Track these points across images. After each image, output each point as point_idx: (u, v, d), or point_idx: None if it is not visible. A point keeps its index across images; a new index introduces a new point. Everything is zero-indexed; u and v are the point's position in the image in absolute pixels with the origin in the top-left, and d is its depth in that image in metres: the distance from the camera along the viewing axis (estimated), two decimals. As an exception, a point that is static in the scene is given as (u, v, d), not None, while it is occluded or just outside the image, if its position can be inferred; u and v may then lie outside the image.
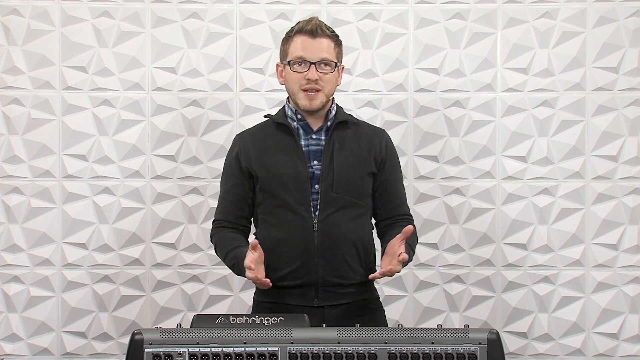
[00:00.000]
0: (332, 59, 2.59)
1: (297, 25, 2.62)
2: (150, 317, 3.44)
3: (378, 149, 2.66)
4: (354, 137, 2.65)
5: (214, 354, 2.00)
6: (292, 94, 2.62)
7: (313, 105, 2.58)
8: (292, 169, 2.57)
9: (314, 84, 2.56)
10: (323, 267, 2.55)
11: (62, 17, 3.45)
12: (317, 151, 2.61)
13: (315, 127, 2.64)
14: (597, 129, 3.45)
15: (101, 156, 3.45)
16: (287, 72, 2.60)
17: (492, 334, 2.02)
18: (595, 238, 3.46)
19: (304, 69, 2.56)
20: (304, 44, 2.57)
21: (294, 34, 2.60)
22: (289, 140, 2.62)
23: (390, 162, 2.70)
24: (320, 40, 2.57)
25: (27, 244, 3.43)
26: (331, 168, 2.58)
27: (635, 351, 3.44)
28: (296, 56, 2.57)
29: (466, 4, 3.48)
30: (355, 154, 2.62)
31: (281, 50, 2.65)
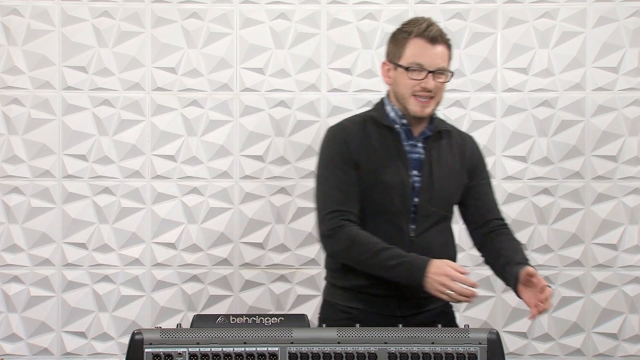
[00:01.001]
0: (448, 68, 2.50)
1: (415, 27, 2.48)
2: (150, 317, 3.44)
3: (469, 157, 2.61)
4: (448, 148, 2.58)
5: (214, 354, 2.00)
6: (402, 98, 2.50)
7: (425, 113, 2.49)
8: (396, 177, 2.48)
9: (427, 92, 2.46)
10: None
11: (62, 17, 3.45)
12: (416, 160, 2.52)
13: (416, 133, 2.54)
14: (597, 129, 3.45)
15: (101, 156, 3.45)
16: (400, 75, 2.49)
17: (492, 334, 2.02)
18: (595, 238, 3.46)
19: (420, 76, 2.45)
20: (422, 50, 2.45)
21: (412, 36, 2.47)
22: (394, 145, 2.51)
23: (480, 168, 2.65)
24: (439, 48, 2.47)
25: (27, 244, 3.43)
26: (431, 181, 2.50)
27: (635, 351, 3.44)
28: (413, 62, 2.46)
29: (466, 4, 3.48)
30: (450, 166, 2.55)
31: (391, 50, 2.53)
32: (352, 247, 2.45)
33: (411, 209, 2.50)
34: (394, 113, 2.55)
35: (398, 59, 2.50)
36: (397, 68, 2.50)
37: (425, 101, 2.47)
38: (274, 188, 3.47)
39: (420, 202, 2.50)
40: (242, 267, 3.46)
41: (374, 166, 2.49)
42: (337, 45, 3.46)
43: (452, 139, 2.61)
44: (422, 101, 2.47)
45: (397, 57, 2.50)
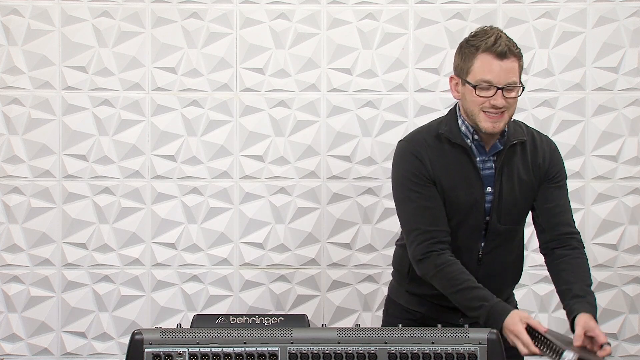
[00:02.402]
0: (518, 82, 2.37)
1: (482, 41, 2.35)
2: (150, 317, 3.44)
3: (541, 163, 2.49)
4: (521, 161, 2.47)
5: (214, 354, 2.00)
6: (471, 114, 2.39)
7: (496, 128, 2.36)
8: (470, 196, 2.41)
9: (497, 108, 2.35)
10: None
11: (62, 17, 3.45)
12: (489, 176, 2.44)
13: (488, 147, 2.44)
14: (597, 129, 3.45)
15: (101, 156, 3.45)
16: (468, 92, 2.37)
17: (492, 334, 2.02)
18: (595, 238, 3.46)
19: (488, 94, 2.33)
20: (491, 67, 2.33)
21: (480, 51, 2.34)
22: (467, 164, 2.42)
23: (553, 172, 2.51)
24: (509, 63, 2.34)
25: (27, 244, 3.43)
26: (500, 198, 2.44)
27: (635, 351, 3.45)
28: (482, 79, 2.34)
29: (466, 4, 3.48)
30: (521, 179, 2.46)
31: (458, 64, 2.41)
32: (439, 278, 2.39)
33: (482, 226, 2.46)
34: (464, 127, 2.45)
35: (466, 74, 2.38)
36: (465, 84, 2.39)
37: (496, 116, 2.36)
38: (274, 188, 3.47)
39: (491, 220, 2.45)
40: (242, 267, 3.46)
41: (449, 184, 2.42)
42: (337, 45, 3.46)
43: (525, 149, 2.49)
44: (493, 116, 2.36)
45: (465, 72, 2.38)
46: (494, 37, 2.34)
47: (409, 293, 2.58)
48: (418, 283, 2.50)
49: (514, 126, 2.48)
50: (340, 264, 3.47)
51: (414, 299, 2.55)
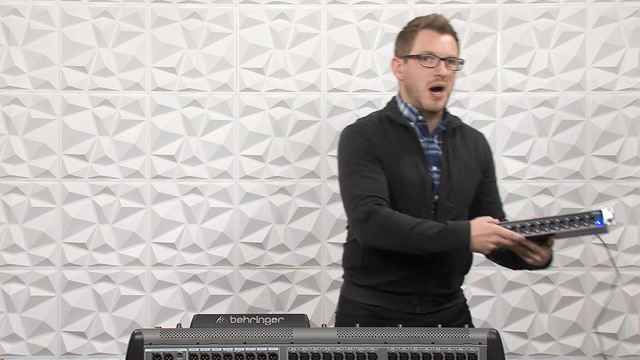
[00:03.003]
0: (458, 57, 2.53)
1: (422, 20, 2.53)
2: (150, 317, 3.44)
3: (482, 154, 2.64)
4: (462, 143, 2.60)
5: (214, 354, 2.00)
6: (416, 92, 2.51)
7: (438, 106, 2.51)
8: (416, 175, 2.49)
9: (441, 80, 2.48)
10: (433, 277, 2.51)
11: (62, 17, 3.45)
12: (434, 156, 2.54)
13: (431, 129, 2.55)
14: (597, 129, 3.45)
15: (101, 156, 3.45)
16: (412, 67, 2.50)
17: (492, 334, 2.02)
18: (595, 238, 3.45)
19: (432, 64, 2.47)
20: (432, 39, 2.49)
21: (420, 28, 2.51)
22: (411, 142, 2.52)
23: (492, 167, 2.70)
24: (448, 37, 2.51)
25: (27, 244, 3.43)
26: (449, 176, 2.51)
27: (635, 351, 3.44)
28: (425, 50, 2.48)
29: (466, 4, 3.48)
30: (466, 162, 2.57)
31: (400, 45, 2.56)
32: (388, 226, 2.40)
33: (431, 206, 2.50)
34: (407, 110, 2.56)
35: (408, 51, 2.51)
36: (408, 61, 2.51)
37: (438, 94, 2.48)
38: (274, 188, 3.47)
39: (440, 198, 2.51)
40: (242, 267, 3.46)
41: (393, 163, 2.48)
42: (337, 45, 3.46)
43: (466, 135, 2.62)
44: (435, 94, 2.48)
45: (408, 50, 2.52)
46: (434, 16, 2.54)
47: (364, 287, 2.57)
48: (372, 275, 2.52)
49: (450, 114, 2.61)
50: (340, 264, 3.46)
51: (369, 292, 2.54)
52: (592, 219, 2.31)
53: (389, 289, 2.52)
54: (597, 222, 2.31)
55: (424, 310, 2.52)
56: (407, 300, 2.51)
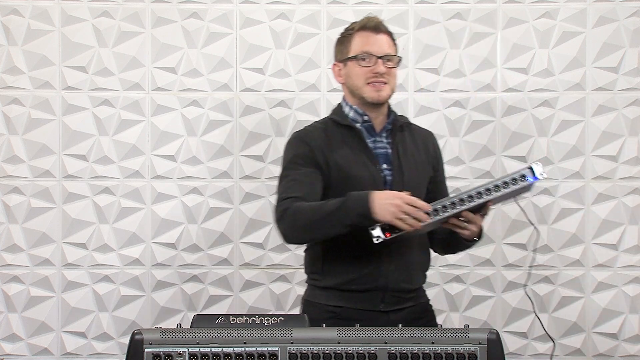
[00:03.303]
0: (395, 54, 2.58)
1: (357, 24, 2.59)
2: (150, 317, 3.44)
3: (432, 151, 2.67)
4: (412, 141, 2.62)
5: (214, 354, 2.00)
6: (357, 89, 2.55)
7: (381, 97, 2.54)
8: (365, 171, 2.51)
9: (380, 77, 2.53)
10: (393, 272, 2.52)
11: (62, 17, 3.45)
12: (383, 154, 2.56)
13: (378, 128, 2.59)
14: (597, 129, 3.45)
15: (101, 156, 3.45)
16: (351, 67, 2.55)
17: (492, 334, 2.02)
18: (595, 238, 3.46)
19: (370, 63, 2.52)
20: (368, 39, 2.55)
21: (355, 31, 2.57)
22: (357, 141, 2.55)
23: (441, 164, 2.72)
24: (383, 36, 2.57)
25: (27, 244, 3.43)
26: (401, 172, 2.54)
27: (635, 351, 3.44)
28: (362, 51, 2.54)
29: (466, 4, 3.48)
30: (416, 158, 2.60)
31: (339, 50, 2.61)
32: (298, 217, 2.43)
33: None
34: (353, 112, 2.59)
35: (346, 54, 2.57)
36: (347, 63, 2.57)
37: (380, 85, 2.53)
38: (275, 188, 3.46)
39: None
40: (242, 267, 3.46)
41: (342, 163, 2.51)
42: (337, 45, 3.46)
43: (415, 133, 2.66)
44: (377, 85, 2.53)
45: (345, 53, 2.58)
46: (368, 18, 2.60)
47: (326, 289, 2.57)
48: (333, 275, 2.53)
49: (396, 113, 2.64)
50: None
51: (331, 293, 2.55)
52: (524, 177, 2.33)
53: (350, 288, 2.52)
54: (529, 179, 2.32)
55: (387, 307, 2.52)
56: (370, 297, 2.52)
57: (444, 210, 2.32)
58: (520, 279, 3.46)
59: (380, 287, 2.52)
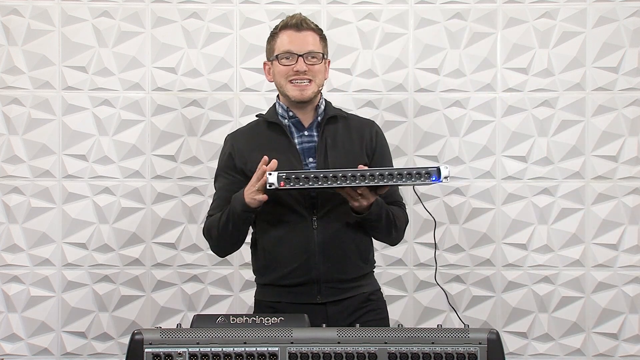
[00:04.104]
0: (319, 51, 2.59)
1: (281, 22, 2.63)
2: (150, 317, 3.44)
3: (368, 140, 2.66)
4: (345, 132, 2.64)
5: (214, 354, 2.00)
6: (281, 87, 2.61)
7: (304, 95, 2.57)
8: (288, 167, 2.53)
9: (303, 75, 2.56)
10: (324, 264, 2.55)
11: (62, 17, 3.45)
12: (310, 148, 2.61)
13: (306, 123, 2.63)
14: (597, 129, 3.45)
15: (101, 156, 3.45)
16: (276, 67, 2.60)
17: (492, 334, 2.02)
18: (595, 238, 3.46)
19: (291, 62, 2.56)
20: (290, 38, 2.58)
21: (279, 30, 2.61)
22: (282, 139, 2.60)
23: (381, 152, 2.68)
24: (305, 33, 2.59)
25: (27, 244, 3.43)
26: (326, 165, 2.56)
27: (635, 351, 3.44)
28: (283, 50, 2.57)
29: (466, 4, 3.48)
30: (347, 149, 2.61)
31: (267, 49, 2.66)
32: (211, 233, 2.61)
33: (311, 194, 2.56)
34: (281, 109, 2.64)
35: (272, 53, 2.62)
36: (273, 62, 2.61)
37: (304, 85, 2.56)
38: (274, 188, 3.46)
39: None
40: (242, 267, 3.46)
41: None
42: (337, 45, 3.46)
43: (351, 124, 2.67)
44: (299, 85, 2.56)
45: (271, 52, 2.63)
46: (291, 16, 2.63)
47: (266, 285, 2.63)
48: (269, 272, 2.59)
49: (331, 105, 2.68)
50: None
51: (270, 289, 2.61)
52: (429, 175, 2.35)
53: (285, 283, 2.57)
54: (433, 178, 2.35)
55: (325, 299, 2.55)
56: (306, 290, 2.55)
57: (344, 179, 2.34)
58: (521, 279, 3.46)
59: (313, 279, 2.55)
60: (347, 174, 2.34)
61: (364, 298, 2.62)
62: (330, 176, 2.34)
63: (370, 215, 2.50)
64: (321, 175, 2.34)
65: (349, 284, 2.59)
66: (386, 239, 2.68)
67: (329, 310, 2.54)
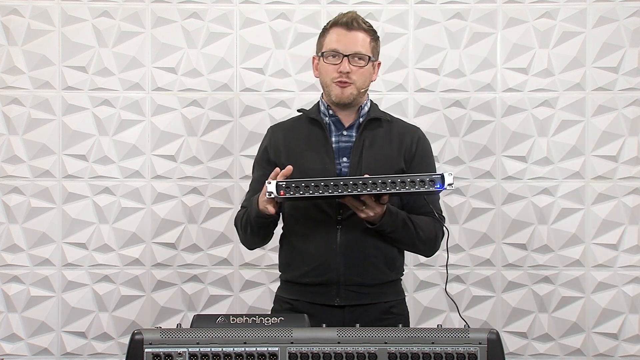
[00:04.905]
0: (366, 53, 2.55)
1: (334, 18, 2.59)
2: (150, 317, 3.44)
3: (409, 146, 2.60)
4: (386, 135, 2.60)
5: (214, 354, 2.00)
6: (325, 86, 2.57)
7: (344, 96, 2.53)
8: (319, 164, 2.52)
9: (345, 77, 2.52)
10: (345, 265, 2.50)
11: (62, 17, 3.45)
12: (346, 148, 2.57)
13: (347, 123, 2.59)
14: (597, 129, 3.45)
15: (101, 156, 3.45)
16: (322, 64, 2.56)
17: (492, 334, 2.02)
18: (595, 238, 3.46)
19: (337, 61, 2.52)
20: (339, 37, 2.54)
21: (330, 26, 2.57)
22: (320, 136, 2.57)
23: (420, 159, 2.61)
24: (355, 34, 2.54)
25: (27, 244, 3.43)
26: (359, 166, 2.53)
27: (635, 351, 3.44)
28: (330, 48, 2.54)
29: (466, 4, 3.48)
30: (385, 152, 2.57)
31: (317, 43, 2.61)
32: (238, 227, 2.62)
33: None
34: (323, 107, 2.62)
35: (320, 49, 2.59)
36: (320, 59, 2.58)
37: (345, 84, 2.53)
38: (274, 188, 3.46)
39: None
40: (242, 267, 3.46)
41: (298, 158, 2.54)
42: (337, 45, 3.46)
43: (394, 128, 2.63)
44: (342, 85, 2.53)
45: (320, 48, 2.59)
46: (344, 14, 2.58)
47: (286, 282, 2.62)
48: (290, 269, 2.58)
49: (377, 108, 2.66)
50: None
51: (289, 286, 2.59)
52: (433, 182, 2.32)
53: (304, 281, 2.54)
54: (437, 186, 2.32)
55: (343, 302, 2.51)
56: (324, 291, 2.52)
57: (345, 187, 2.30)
58: (521, 279, 3.46)
59: (333, 280, 2.51)
60: (349, 182, 2.31)
61: (385, 308, 2.56)
62: (331, 184, 2.30)
63: (383, 227, 2.46)
64: (322, 184, 2.30)
65: (369, 289, 2.53)
66: (412, 250, 2.62)
67: (346, 314, 2.50)
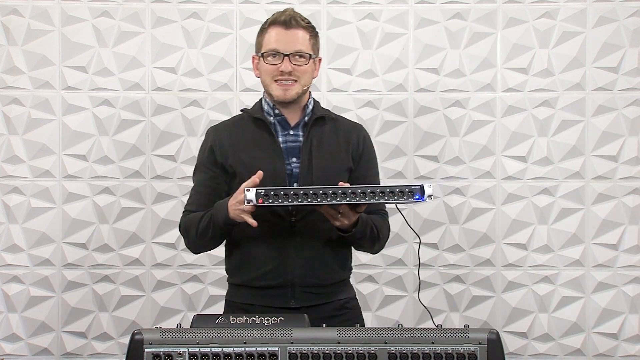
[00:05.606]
0: (307, 51, 2.51)
1: (272, 16, 2.54)
2: (150, 317, 3.44)
3: (355, 144, 2.58)
4: (332, 134, 2.57)
5: (214, 354, 2.00)
6: (266, 86, 2.53)
7: (287, 96, 2.50)
8: (269, 165, 2.48)
9: (287, 75, 2.48)
10: (300, 267, 2.48)
11: (62, 17, 3.45)
12: (294, 148, 2.54)
13: (292, 122, 2.55)
14: (597, 129, 3.45)
15: (101, 156, 3.45)
16: (262, 64, 2.52)
17: (492, 334, 2.02)
18: (595, 238, 3.46)
19: (277, 61, 2.48)
20: (277, 36, 2.49)
21: (268, 25, 2.52)
22: (266, 136, 2.53)
23: (367, 158, 2.61)
24: (294, 32, 2.50)
25: (27, 244, 3.43)
26: (310, 166, 2.50)
27: (635, 351, 3.45)
28: (269, 48, 2.49)
29: (466, 4, 3.48)
30: (333, 151, 2.55)
31: (256, 42, 2.57)
32: (188, 232, 2.54)
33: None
34: (267, 106, 2.57)
35: (259, 49, 2.54)
36: (260, 59, 2.53)
37: (287, 84, 2.49)
38: (274, 188, 3.46)
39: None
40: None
41: (246, 159, 2.50)
42: (337, 45, 3.46)
43: (339, 126, 2.60)
44: (283, 84, 2.49)
45: (259, 47, 2.54)
46: (282, 12, 2.53)
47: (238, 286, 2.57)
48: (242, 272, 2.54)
49: (319, 106, 2.62)
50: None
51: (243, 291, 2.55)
52: (412, 193, 2.29)
53: (258, 284, 2.51)
54: (416, 197, 2.29)
55: (298, 303, 2.48)
56: (279, 294, 2.49)
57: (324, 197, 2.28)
58: (521, 279, 3.46)
59: (288, 282, 2.49)
60: (328, 191, 2.28)
61: (339, 305, 2.55)
62: (310, 193, 2.28)
63: (355, 234, 2.44)
64: (301, 192, 2.27)
65: (324, 289, 2.52)
66: (368, 250, 2.62)
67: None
